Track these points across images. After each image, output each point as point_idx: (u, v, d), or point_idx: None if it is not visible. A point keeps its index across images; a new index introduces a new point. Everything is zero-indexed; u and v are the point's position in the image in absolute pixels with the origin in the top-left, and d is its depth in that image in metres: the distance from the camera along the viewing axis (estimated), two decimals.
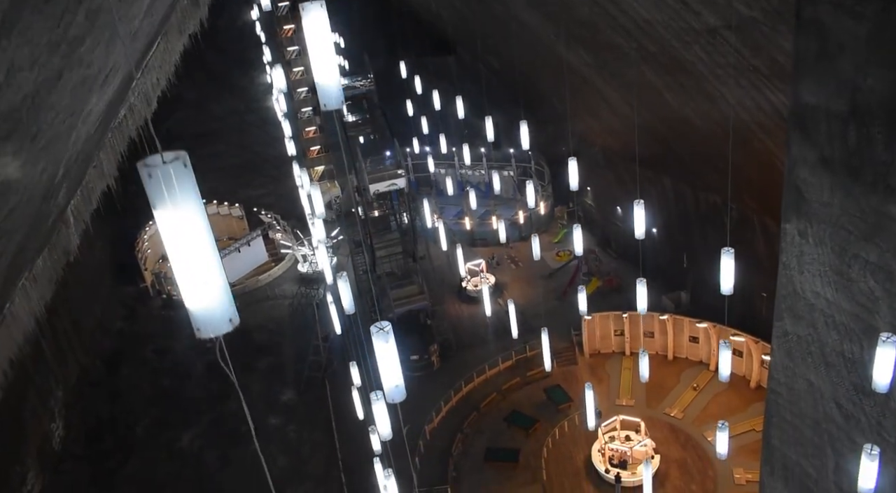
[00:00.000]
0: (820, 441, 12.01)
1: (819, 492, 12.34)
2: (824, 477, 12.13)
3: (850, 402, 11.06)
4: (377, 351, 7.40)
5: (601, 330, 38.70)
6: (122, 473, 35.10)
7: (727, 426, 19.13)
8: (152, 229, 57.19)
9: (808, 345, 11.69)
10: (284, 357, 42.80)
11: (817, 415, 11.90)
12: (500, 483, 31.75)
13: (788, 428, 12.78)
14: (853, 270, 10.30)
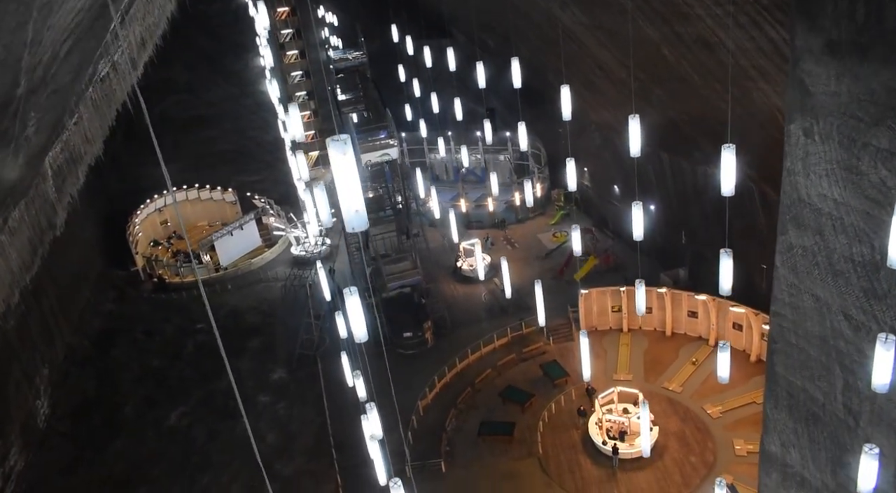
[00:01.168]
0: (827, 360, 11.32)
1: (827, 417, 11.63)
2: (832, 400, 11.43)
3: (859, 310, 10.37)
4: (334, 164, 6.59)
5: (598, 306, 38.00)
6: (109, 450, 34.32)
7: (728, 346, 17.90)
8: (143, 213, 56.54)
9: (814, 256, 11.00)
10: (276, 338, 42.05)
11: (824, 332, 11.21)
12: (494, 457, 30.99)
13: (794, 352, 12.08)
14: (863, 161, 9.62)
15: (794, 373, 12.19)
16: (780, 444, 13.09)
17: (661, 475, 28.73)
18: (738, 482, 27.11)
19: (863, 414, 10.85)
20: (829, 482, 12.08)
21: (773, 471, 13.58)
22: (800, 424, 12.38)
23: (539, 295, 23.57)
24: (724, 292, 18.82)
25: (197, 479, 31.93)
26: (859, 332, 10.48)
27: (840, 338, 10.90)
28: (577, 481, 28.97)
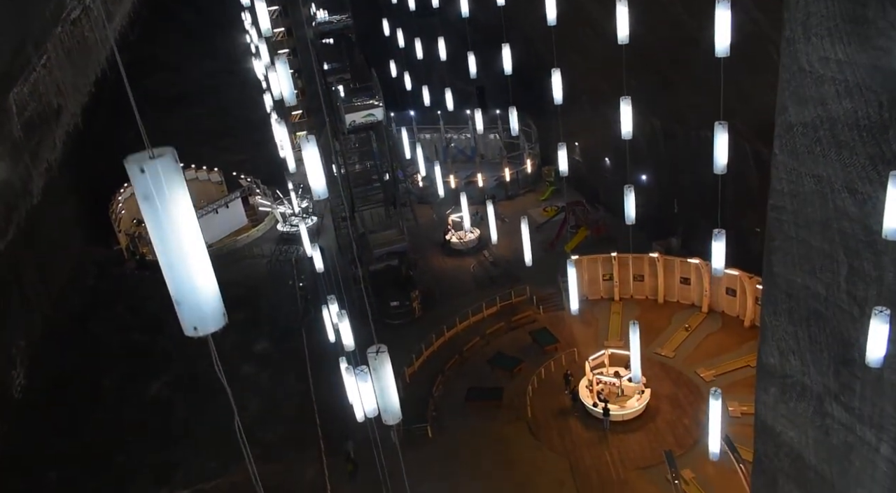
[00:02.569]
0: (830, 247, 10.53)
1: (829, 311, 10.85)
2: (835, 291, 10.65)
3: (865, 181, 9.60)
4: None
5: (589, 274, 37.22)
6: (86, 420, 33.31)
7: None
8: (126, 192, 55.42)
9: (815, 131, 10.22)
10: (260, 311, 41.10)
11: (826, 215, 10.43)
12: (482, 422, 30.17)
13: (793, 246, 11.30)
14: (869, 8, 8.83)
15: (794, 270, 11.41)
16: (779, 353, 12.30)
17: (654, 436, 27.99)
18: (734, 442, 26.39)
19: (869, 300, 10.07)
20: (831, 385, 11.30)
21: (771, 385, 12.80)
22: (800, 326, 11.60)
23: (525, 233, 22.63)
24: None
25: (176, 447, 30.99)
26: (864, 206, 9.71)
27: (844, 218, 10.13)
28: (568, 444, 28.18)
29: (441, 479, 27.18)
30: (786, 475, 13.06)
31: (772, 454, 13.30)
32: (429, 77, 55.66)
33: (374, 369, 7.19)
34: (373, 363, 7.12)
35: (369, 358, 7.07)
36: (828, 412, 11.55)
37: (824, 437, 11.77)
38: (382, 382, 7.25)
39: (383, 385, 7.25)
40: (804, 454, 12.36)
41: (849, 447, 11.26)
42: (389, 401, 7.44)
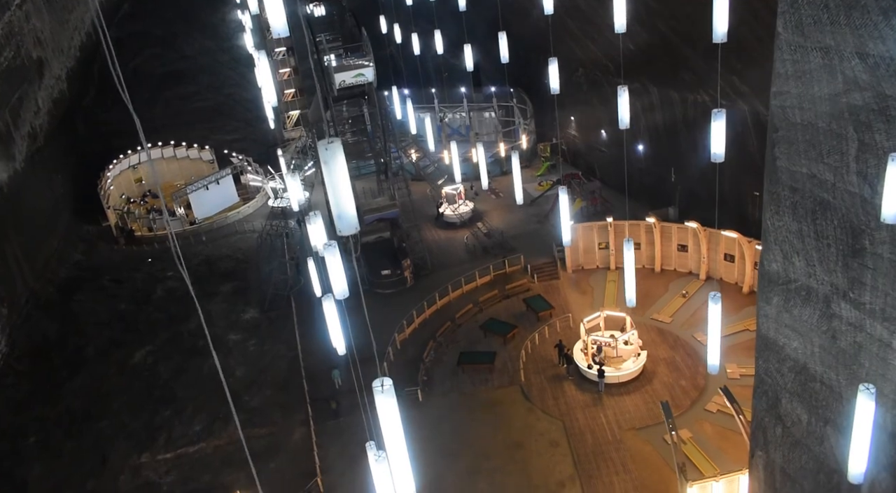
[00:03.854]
0: (839, 126, 9.79)
1: (838, 197, 10.11)
2: (844, 173, 9.91)
3: (878, 40, 8.83)
4: None
5: (584, 243, 36.46)
6: (68, 386, 32.46)
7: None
8: (116, 169, 54.62)
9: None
10: (249, 282, 40.35)
11: (835, 89, 9.68)
12: (474, 386, 29.40)
13: (798, 133, 10.55)
14: None
15: (799, 159, 10.66)
16: (783, 256, 11.56)
17: (650, 397, 27.23)
18: None
19: (881, 175, 9.32)
20: (839, 283, 10.55)
21: (774, 294, 12.05)
22: (805, 221, 10.85)
23: (515, 163, 21.84)
24: None
25: (159, 411, 30.17)
26: (877, 70, 8.95)
27: (854, 88, 9.38)
28: (562, 406, 27.42)
29: (430, 440, 26.41)
30: (789, 393, 12.33)
31: (774, 371, 12.57)
32: (423, 57, 55.10)
33: (324, 163, 6.33)
34: (323, 156, 6.26)
35: (320, 150, 6.25)
36: (835, 314, 10.81)
37: (831, 342, 11.03)
38: (334, 177, 6.31)
39: (335, 181, 6.32)
40: (809, 364, 11.62)
41: (857, 348, 10.53)
42: (344, 207, 6.54)
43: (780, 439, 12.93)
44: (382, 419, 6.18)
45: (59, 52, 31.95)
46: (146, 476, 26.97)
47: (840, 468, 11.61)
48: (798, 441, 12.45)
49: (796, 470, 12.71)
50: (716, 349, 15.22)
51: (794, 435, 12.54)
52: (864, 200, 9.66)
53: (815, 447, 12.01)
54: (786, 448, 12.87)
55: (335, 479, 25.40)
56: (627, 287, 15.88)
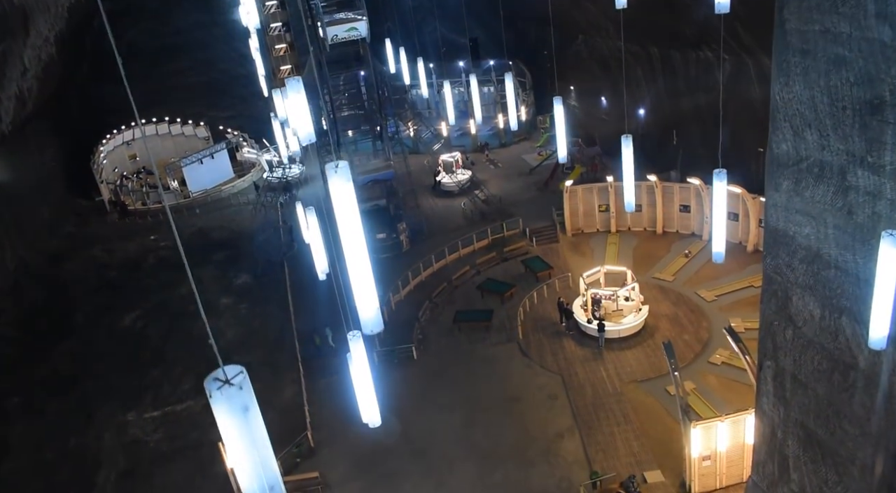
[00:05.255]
0: None
1: (854, 49, 9.23)
2: (861, 18, 9.02)
3: None
4: None
5: (584, 206, 35.59)
6: (55, 350, 31.65)
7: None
8: (110, 145, 53.89)
9: None
10: (242, 251, 39.49)
11: None
12: (471, 344, 28.55)
13: None
14: None
15: (811, 15, 9.77)
16: (793, 132, 10.68)
17: (652, 352, 26.36)
18: (736, 356, 24.77)
19: None
20: (855, 149, 9.68)
21: (784, 179, 11.18)
22: (817, 87, 9.97)
23: (510, 98, 20.99)
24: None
25: (147, 373, 29.35)
26: None
27: None
28: (561, 361, 26.54)
29: (424, 396, 25.61)
30: (801, 288, 11.46)
31: (784, 266, 11.70)
32: (420, 29, 54.31)
33: None
34: None
35: None
36: (851, 185, 9.94)
37: (846, 219, 10.16)
38: None
39: None
40: (822, 249, 10.75)
41: (876, 220, 9.66)
42: None
43: (791, 342, 12.07)
44: (336, 203, 5.35)
45: (45, 10, 31.12)
46: (132, 434, 26.16)
47: (856, 363, 10.77)
48: (810, 341, 11.58)
49: (808, 374, 11.84)
50: (721, 236, 14.29)
51: (805, 335, 11.67)
52: (883, 45, 8.79)
53: (830, 343, 11.14)
54: (797, 352, 12.00)
55: (325, 435, 24.58)
56: (626, 191, 14.92)
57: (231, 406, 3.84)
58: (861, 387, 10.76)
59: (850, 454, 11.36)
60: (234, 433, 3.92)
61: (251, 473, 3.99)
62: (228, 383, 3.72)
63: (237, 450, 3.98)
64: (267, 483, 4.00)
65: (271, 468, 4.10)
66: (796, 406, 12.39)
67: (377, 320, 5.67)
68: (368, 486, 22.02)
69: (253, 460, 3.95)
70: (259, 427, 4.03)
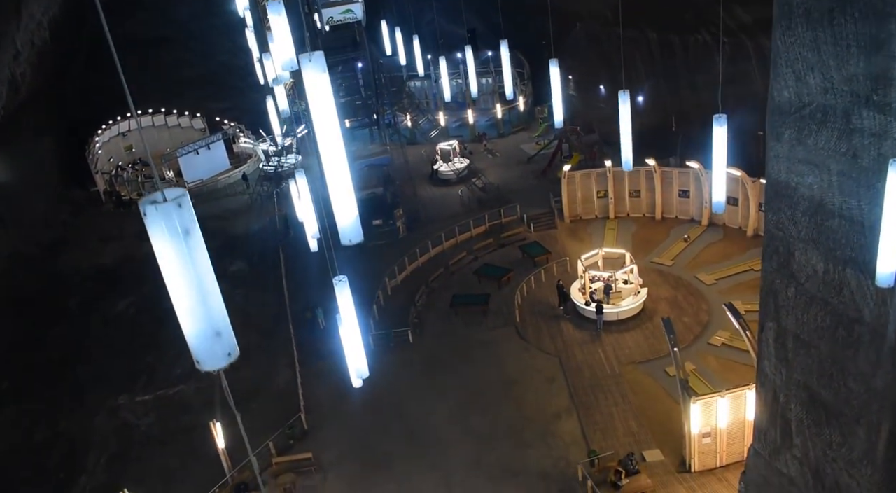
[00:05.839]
0: None
1: None
2: None
3: None
4: None
5: (583, 192, 35.24)
6: (48, 336, 31.24)
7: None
8: (105, 136, 53.55)
9: None
10: (237, 238, 39.10)
11: None
12: (467, 327, 28.20)
13: None
14: None
15: None
16: (795, 77, 10.32)
17: (651, 334, 26.02)
18: (736, 338, 24.45)
19: None
20: (860, 88, 9.31)
21: (786, 127, 10.82)
22: (820, 27, 9.56)
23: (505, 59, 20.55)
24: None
25: (140, 357, 28.96)
26: None
27: None
28: (559, 344, 26.20)
29: (421, 379, 25.25)
30: (803, 242, 11.10)
31: (786, 220, 11.34)
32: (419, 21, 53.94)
33: None
34: None
35: None
36: (855, 128, 9.58)
37: (851, 164, 9.80)
38: None
39: None
40: (826, 198, 10.39)
41: (881, 162, 9.29)
42: None
43: (793, 300, 11.70)
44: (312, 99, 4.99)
45: None
46: (123, 417, 25.79)
47: (861, 316, 10.41)
48: (813, 297, 11.21)
49: (811, 332, 11.48)
50: (720, 183, 13.90)
51: (808, 292, 11.30)
52: None
53: (834, 298, 10.78)
54: (799, 310, 11.63)
55: (319, 417, 24.23)
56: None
57: (169, 228, 3.42)
58: (866, 341, 10.40)
59: (856, 413, 10.99)
60: (173, 264, 3.50)
61: (194, 314, 3.59)
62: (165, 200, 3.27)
63: (177, 285, 3.57)
64: (212, 327, 3.59)
65: (218, 310, 3.69)
66: (799, 367, 12.02)
67: (356, 229, 5.29)
68: (362, 467, 21.66)
69: (195, 297, 3.53)
70: (203, 259, 3.61)
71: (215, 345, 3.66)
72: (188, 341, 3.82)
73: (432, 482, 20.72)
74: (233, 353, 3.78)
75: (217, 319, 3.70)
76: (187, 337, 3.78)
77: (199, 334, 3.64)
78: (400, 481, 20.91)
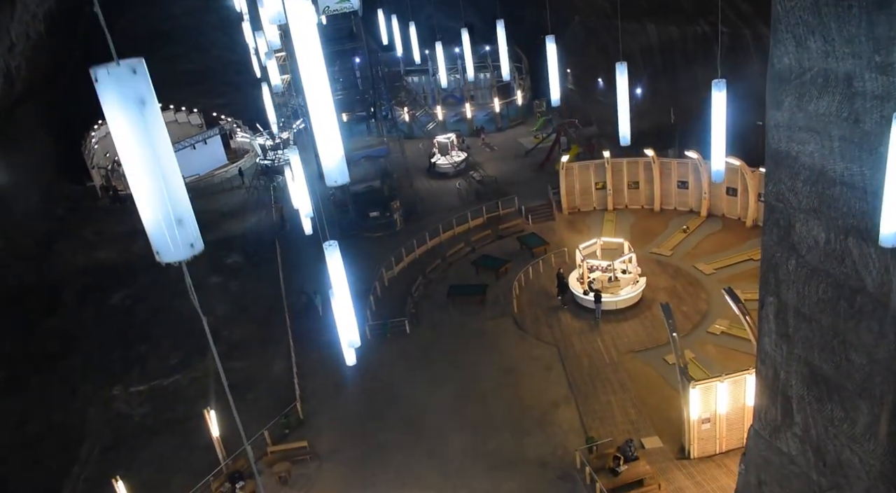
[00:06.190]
0: None
1: None
2: None
3: None
4: None
5: (581, 184, 35.03)
6: (41, 328, 30.99)
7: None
8: (101, 131, 53.32)
9: None
10: (233, 232, 38.90)
11: None
12: (464, 317, 27.97)
13: None
14: None
15: None
16: (795, 43, 10.11)
17: (650, 322, 25.82)
18: (735, 326, 24.28)
19: None
20: (862, 50, 9.10)
21: (786, 95, 10.60)
22: None
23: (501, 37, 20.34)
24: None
25: (133, 348, 28.75)
26: None
27: None
28: (557, 333, 25.98)
29: (417, 369, 25.03)
30: (804, 212, 10.89)
31: (786, 191, 11.13)
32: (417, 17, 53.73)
33: None
34: None
35: None
36: (857, 91, 9.38)
37: (853, 128, 9.60)
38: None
39: None
40: (828, 166, 10.19)
41: (884, 124, 9.09)
42: None
43: (794, 273, 11.49)
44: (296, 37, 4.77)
45: None
46: (117, 408, 25.55)
47: (864, 286, 10.20)
48: (815, 269, 11.00)
49: (812, 305, 11.27)
50: (720, 151, 13.74)
51: (809, 264, 11.10)
52: None
53: (835, 268, 10.57)
54: (800, 283, 11.42)
55: (315, 407, 24.01)
56: (621, 120, 14.34)
57: (122, 96, 3.17)
58: (869, 311, 10.19)
59: (858, 386, 10.78)
60: (128, 139, 3.24)
61: (152, 197, 3.34)
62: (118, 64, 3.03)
63: (132, 164, 3.31)
64: (172, 213, 3.36)
65: (179, 193, 3.46)
66: (800, 342, 11.82)
67: (342, 170, 5.08)
68: (358, 456, 21.43)
69: (153, 177, 3.29)
70: (161, 135, 3.35)
71: (176, 233, 3.41)
72: (147, 230, 3.58)
73: (430, 469, 20.50)
74: (196, 245, 3.54)
75: (178, 203, 3.45)
76: (146, 224, 3.54)
77: (158, 221, 3.39)
78: (398, 469, 20.68)
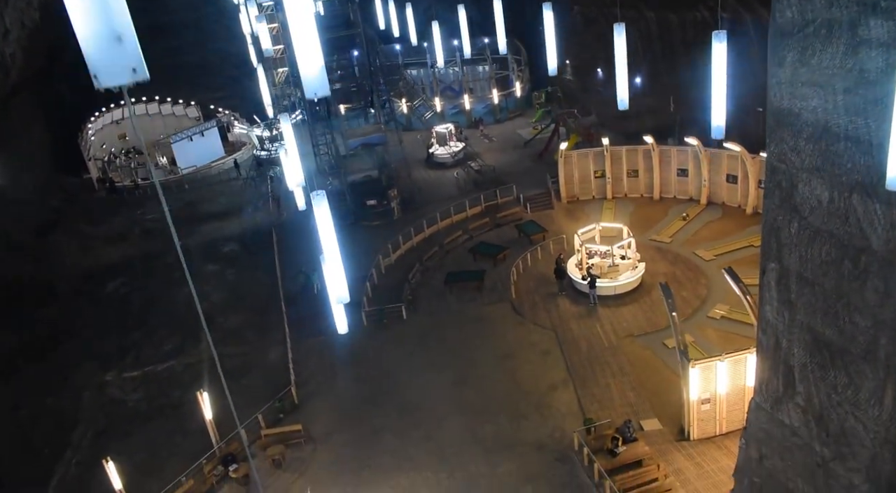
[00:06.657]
0: None
1: None
2: None
3: None
4: None
5: (580, 172, 34.74)
6: (35, 316, 30.69)
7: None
8: (98, 123, 53.11)
9: None
10: (230, 221, 38.65)
11: None
12: (462, 304, 27.69)
13: None
14: None
15: None
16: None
17: (649, 307, 25.53)
18: (735, 310, 24.03)
19: None
20: (873, 12, 8.85)
21: (788, 51, 10.32)
22: None
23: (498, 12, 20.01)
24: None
25: (128, 336, 28.49)
26: None
27: None
28: (554, 318, 25.70)
29: (415, 355, 24.75)
30: (807, 172, 10.62)
31: (789, 151, 10.86)
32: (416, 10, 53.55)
33: None
34: None
35: None
36: (863, 39, 9.11)
37: (858, 79, 9.33)
38: None
39: None
40: (831, 121, 9.92)
41: (890, 71, 8.83)
42: None
43: (796, 236, 11.21)
44: None
45: None
46: (111, 394, 25.27)
47: (868, 245, 9.92)
48: (818, 231, 10.72)
49: (815, 269, 10.99)
50: (720, 105, 13.53)
51: (812, 225, 10.82)
52: None
53: (839, 228, 10.29)
54: (803, 246, 11.14)
55: (310, 391, 23.74)
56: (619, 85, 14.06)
57: None
58: (874, 271, 9.90)
59: (862, 349, 10.50)
60: None
61: (86, 9, 2.97)
62: None
63: None
64: (110, 29, 3.00)
65: (118, 6, 3.07)
66: (802, 308, 11.53)
67: (322, 81, 4.81)
68: (353, 439, 21.15)
69: None
70: None
71: (115, 53, 3.07)
72: (82, 49, 3.23)
73: (426, 453, 20.21)
74: (139, 71, 3.21)
75: (116, 17, 3.11)
76: (82, 44, 3.21)
77: (94, 38, 3.05)
78: (394, 452, 20.40)
